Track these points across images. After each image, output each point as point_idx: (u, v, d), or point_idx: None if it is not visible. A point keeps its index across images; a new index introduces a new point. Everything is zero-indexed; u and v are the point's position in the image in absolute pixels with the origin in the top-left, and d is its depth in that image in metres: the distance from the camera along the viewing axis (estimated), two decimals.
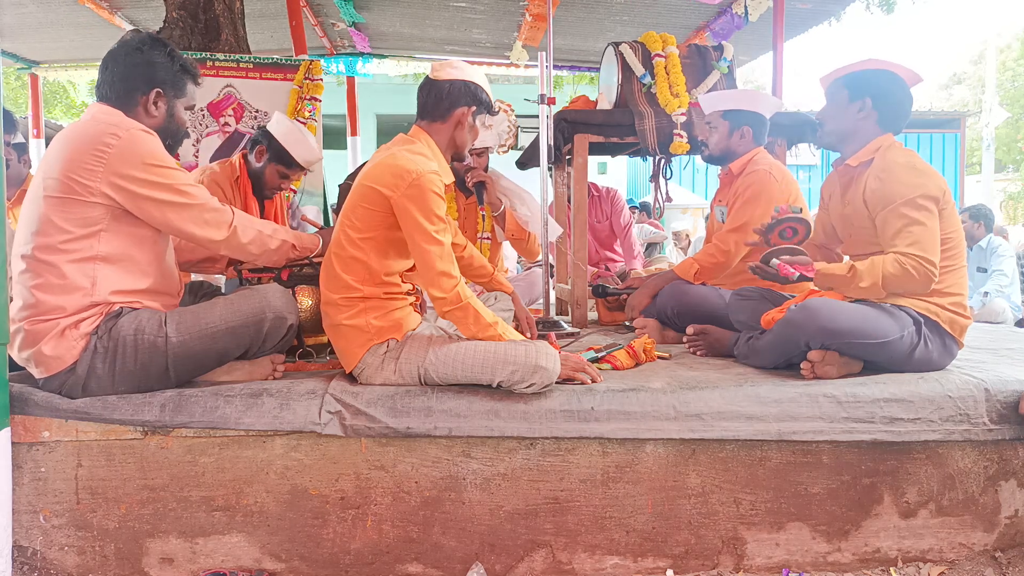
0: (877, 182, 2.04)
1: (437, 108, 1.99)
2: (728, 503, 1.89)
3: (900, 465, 1.92)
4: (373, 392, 1.87)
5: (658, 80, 3.16)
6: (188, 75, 1.93)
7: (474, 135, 2.06)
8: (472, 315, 1.89)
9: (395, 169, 1.84)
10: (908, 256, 1.94)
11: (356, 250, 1.90)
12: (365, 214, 1.88)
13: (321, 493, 1.87)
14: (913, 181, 1.98)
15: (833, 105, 2.17)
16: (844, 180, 2.22)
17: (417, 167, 1.83)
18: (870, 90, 2.10)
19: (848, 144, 2.17)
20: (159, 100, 1.88)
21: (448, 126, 2.00)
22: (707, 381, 1.98)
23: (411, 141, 1.99)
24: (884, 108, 2.10)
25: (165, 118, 1.90)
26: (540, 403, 1.85)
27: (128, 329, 1.78)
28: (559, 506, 1.87)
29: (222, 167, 2.95)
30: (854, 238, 2.21)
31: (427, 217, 1.82)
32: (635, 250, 4.61)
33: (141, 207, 1.77)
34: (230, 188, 2.88)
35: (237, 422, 1.83)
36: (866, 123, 2.12)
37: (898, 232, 1.98)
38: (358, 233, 1.89)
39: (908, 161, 2.03)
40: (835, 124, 2.17)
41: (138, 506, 1.85)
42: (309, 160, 2.88)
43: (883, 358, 2.01)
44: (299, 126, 2.90)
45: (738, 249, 2.65)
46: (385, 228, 1.89)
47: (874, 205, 2.05)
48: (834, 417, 1.87)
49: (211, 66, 4.15)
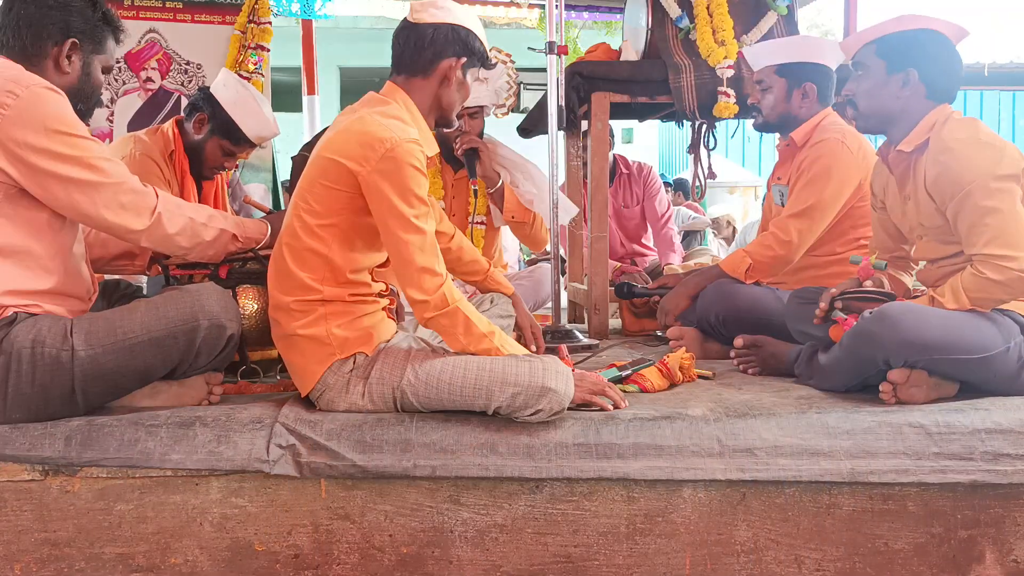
0: (937, 167, 2.05)
1: (418, 60, 1.99)
2: (788, 562, 1.89)
3: (1007, 514, 1.92)
4: (336, 421, 1.87)
5: (699, 24, 3.17)
6: (110, 28, 1.96)
7: (464, 94, 2.07)
8: (462, 323, 1.89)
9: (364, 137, 1.84)
10: (985, 260, 1.96)
11: (314, 240, 1.90)
12: (325, 194, 1.88)
13: (269, 549, 1.86)
14: (980, 159, 1.99)
15: (867, 80, 2.18)
16: (900, 170, 2.24)
17: (392, 134, 1.83)
18: (914, 58, 2.12)
19: (894, 126, 2.19)
20: (73, 53, 1.90)
21: (431, 82, 2.01)
22: (760, 407, 1.98)
23: (384, 102, 1.99)
24: (933, 78, 2.12)
25: (79, 76, 1.92)
26: (548, 435, 1.85)
27: (24, 340, 1.78)
28: (572, 566, 1.87)
29: (152, 137, 2.94)
30: (927, 240, 2.22)
31: (404, 198, 1.82)
32: (673, 243, 4.60)
33: (42, 184, 1.78)
34: (166, 165, 2.88)
35: (162, 459, 1.82)
36: (913, 99, 2.14)
37: (972, 228, 1.99)
38: (317, 219, 1.89)
39: (971, 135, 2.03)
40: (874, 104, 2.18)
41: (36, 566, 1.84)
42: (263, 136, 2.89)
43: (984, 377, 2.01)
44: (252, 91, 2.90)
45: (802, 240, 2.65)
46: (351, 212, 1.89)
47: (941, 196, 2.06)
48: (922, 453, 1.87)
49: (129, 6, 4.16)
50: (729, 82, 3.06)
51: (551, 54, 2.92)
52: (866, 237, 2.63)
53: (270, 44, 4.32)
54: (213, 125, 2.85)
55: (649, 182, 4.57)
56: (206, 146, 2.89)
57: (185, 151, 2.91)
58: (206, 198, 3.14)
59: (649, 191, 4.56)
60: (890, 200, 2.33)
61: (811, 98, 2.72)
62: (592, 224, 3.20)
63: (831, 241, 2.71)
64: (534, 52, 3.06)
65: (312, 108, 6.74)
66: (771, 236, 2.70)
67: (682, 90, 3.06)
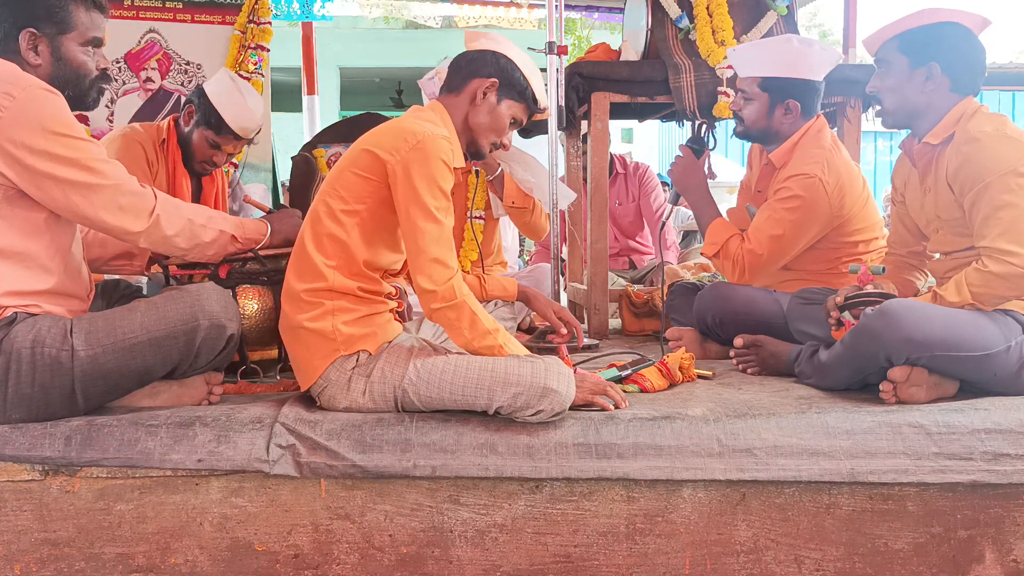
0: (960, 157, 2.05)
1: (455, 78, 2.10)
2: (787, 562, 1.89)
3: (1006, 514, 1.92)
4: (336, 421, 1.88)
5: (698, 24, 3.17)
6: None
7: (495, 121, 2.08)
8: (468, 317, 1.90)
9: (397, 130, 1.92)
10: (992, 254, 1.97)
11: (335, 225, 1.92)
12: (354, 181, 1.93)
13: (269, 549, 1.86)
14: (1004, 153, 1.99)
15: (891, 76, 2.18)
16: (923, 162, 2.23)
17: (424, 129, 1.90)
18: (936, 52, 2.11)
19: (920, 121, 2.19)
20: (38, 43, 1.85)
21: (462, 100, 2.07)
22: (760, 407, 1.98)
23: (423, 111, 2.08)
24: (956, 71, 2.12)
25: (51, 63, 1.87)
26: (548, 435, 1.85)
27: (24, 340, 1.78)
28: (572, 565, 1.87)
29: (146, 127, 3.00)
30: (942, 232, 2.22)
31: (429, 187, 1.87)
32: (669, 240, 4.62)
33: (39, 185, 1.77)
34: (153, 151, 2.94)
35: (162, 459, 1.82)
36: (937, 93, 2.14)
37: (985, 220, 2.00)
38: (342, 204, 1.93)
39: (997, 129, 2.04)
40: (898, 100, 2.18)
41: (36, 566, 1.84)
42: (245, 127, 2.90)
43: (984, 375, 2.01)
44: (243, 85, 2.92)
45: (771, 260, 2.58)
46: (375, 202, 1.93)
47: (960, 187, 2.06)
48: (922, 453, 1.87)
49: (129, 6, 4.16)
50: (729, 82, 3.05)
51: (551, 54, 2.92)
52: (849, 256, 2.61)
53: (270, 44, 4.32)
54: (199, 116, 2.90)
55: (644, 180, 4.64)
56: (193, 137, 2.94)
57: (179, 144, 2.94)
58: (207, 197, 3.16)
59: (644, 189, 4.62)
60: (910, 193, 2.32)
61: (794, 114, 2.61)
62: (592, 225, 3.20)
63: (811, 260, 2.67)
64: (535, 52, 3.06)
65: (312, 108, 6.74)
66: (749, 240, 2.63)
67: (682, 90, 3.06)
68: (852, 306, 2.11)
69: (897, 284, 2.37)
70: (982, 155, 2.01)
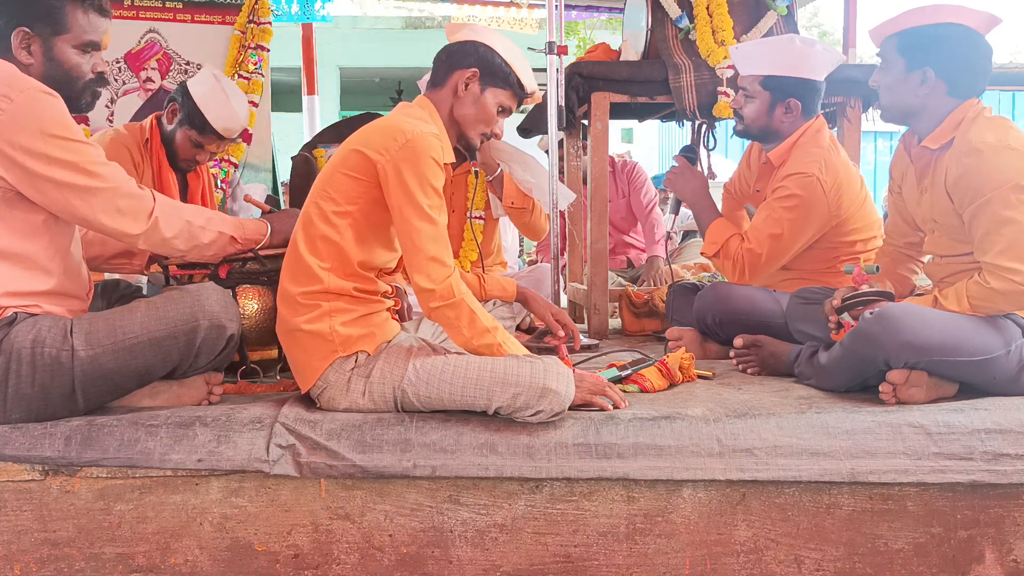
0: (960, 168, 2.01)
1: (437, 72, 2.09)
2: (787, 562, 1.89)
3: (1007, 514, 1.92)
4: (336, 421, 1.88)
5: (698, 24, 3.17)
6: (68, 0, 1.85)
7: (480, 111, 2.07)
8: (467, 315, 1.90)
9: (386, 129, 1.92)
10: (993, 271, 1.95)
11: (328, 227, 1.92)
12: (345, 183, 1.92)
13: (269, 549, 1.86)
14: (1006, 166, 1.96)
15: (889, 74, 2.16)
16: (921, 163, 2.21)
17: (413, 127, 1.90)
18: (930, 57, 2.08)
19: (917, 120, 2.17)
20: (31, 42, 1.84)
21: (446, 93, 2.07)
22: (760, 407, 1.98)
23: (411, 107, 2.07)
24: (952, 76, 2.08)
25: (43, 63, 1.85)
26: (548, 435, 1.85)
27: (24, 340, 1.78)
28: (572, 566, 1.87)
29: (130, 128, 3.00)
30: (938, 234, 2.20)
31: (421, 186, 1.86)
32: (656, 235, 4.67)
33: (38, 188, 1.77)
34: (138, 152, 2.94)
35: (162, 459, 1.83)
36: (933, 97, 2.11)
37: (987, 236, 1.98)
38: (334, 206, 1.93)
39: (999, 138, 1.99)
40: (895, 98, 2.17)
41: (36, 566, 1.84)
42: (228, 128, 2.90)
43: (984, 379, 2.01)
44: (228, 84, 2.91)
45: (769, 261, 2.60)
46: (367, 202, 1.92)
47: (960, 199, 2.04)
48: (922, 453, 1.87)
49: (129, 6, 4.16)
50: (729, 82, 3.05)
51: (551, 54, 2.92)
52: (848, 255, 2.61)
53: (270, 44, 4.32)
54: (182, 115, 2.89)
55: (633, 176, 4.70)
56: (176, 136, 2.92)
57: (162, 143, 2.94)
58: (193, 193, 3.14)
59: (634, 184, 4.68)
60: (907, 188, 2.31)
61: (795, 113, 2.61)
62: (592, 225, 3.20)
63: (810, 260, 2.67)
64: (534, 52, 3.06)
65: (312, 108, 6.74)
66: (748, 240, 2.65)
67: (682, 90, 3.06)
68: (849, 307, 2.11)
69: (892, 280, 2.36)
70: (983, 168, 1.97)
